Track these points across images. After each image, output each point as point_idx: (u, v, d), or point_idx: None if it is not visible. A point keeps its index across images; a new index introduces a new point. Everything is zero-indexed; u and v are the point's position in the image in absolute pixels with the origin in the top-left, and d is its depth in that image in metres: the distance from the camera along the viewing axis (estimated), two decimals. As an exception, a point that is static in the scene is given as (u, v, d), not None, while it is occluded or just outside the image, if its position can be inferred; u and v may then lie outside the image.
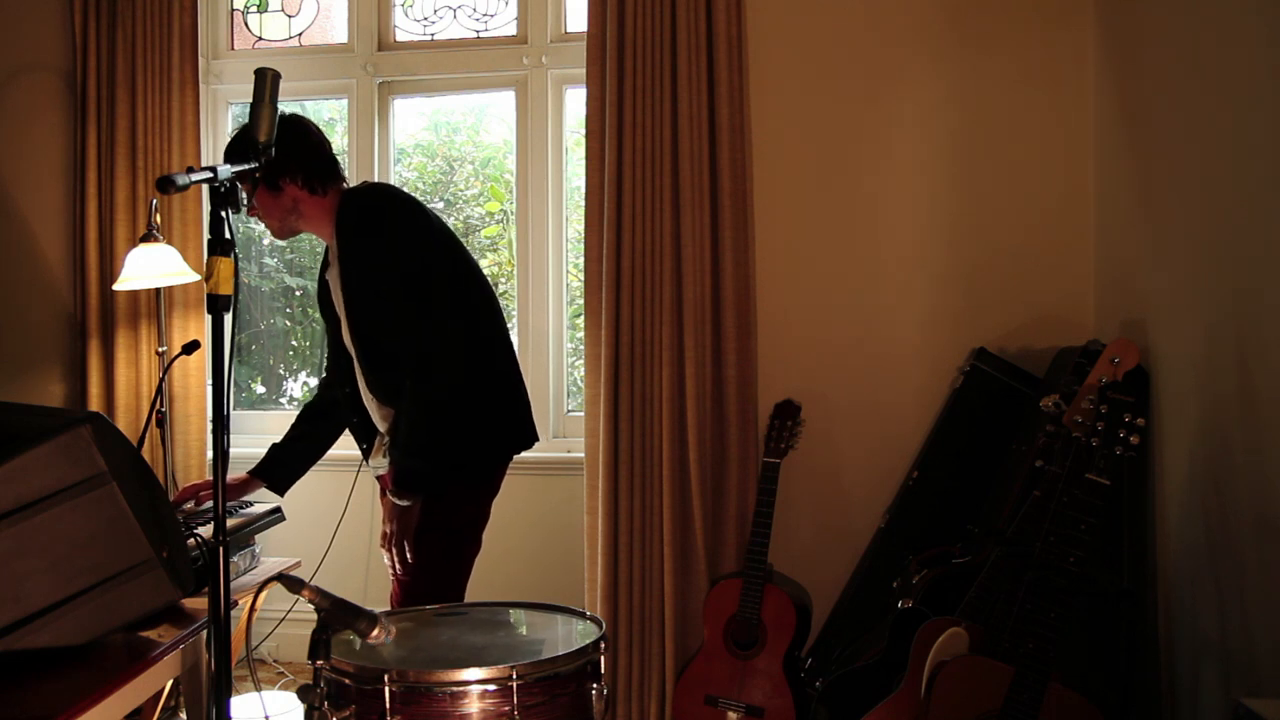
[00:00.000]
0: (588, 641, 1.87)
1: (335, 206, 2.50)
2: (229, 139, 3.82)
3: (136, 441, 2.71)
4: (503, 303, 2.84)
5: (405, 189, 2.94)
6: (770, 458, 3.10)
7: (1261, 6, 2.11)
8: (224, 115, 3.95)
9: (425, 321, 2.38)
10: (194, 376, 3.66)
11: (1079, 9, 3.22)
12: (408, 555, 2.42)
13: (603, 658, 1.90)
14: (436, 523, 2.45)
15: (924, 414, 3.30)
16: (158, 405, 3.43)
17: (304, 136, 2.48)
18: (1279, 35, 2.04)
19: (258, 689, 1.88)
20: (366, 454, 2.66)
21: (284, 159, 2.39)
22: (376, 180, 3.71)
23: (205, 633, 2.07)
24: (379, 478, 2.69)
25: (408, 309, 2.39)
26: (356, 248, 2.46)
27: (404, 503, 2.39)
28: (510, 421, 2.61)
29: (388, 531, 2.44)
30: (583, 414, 3.46)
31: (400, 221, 2.45)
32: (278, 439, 2.78)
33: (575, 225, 3.73)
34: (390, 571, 2.48)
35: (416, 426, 2.39)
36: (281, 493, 2.76)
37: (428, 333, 2.38)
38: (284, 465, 2.75)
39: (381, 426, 2.57)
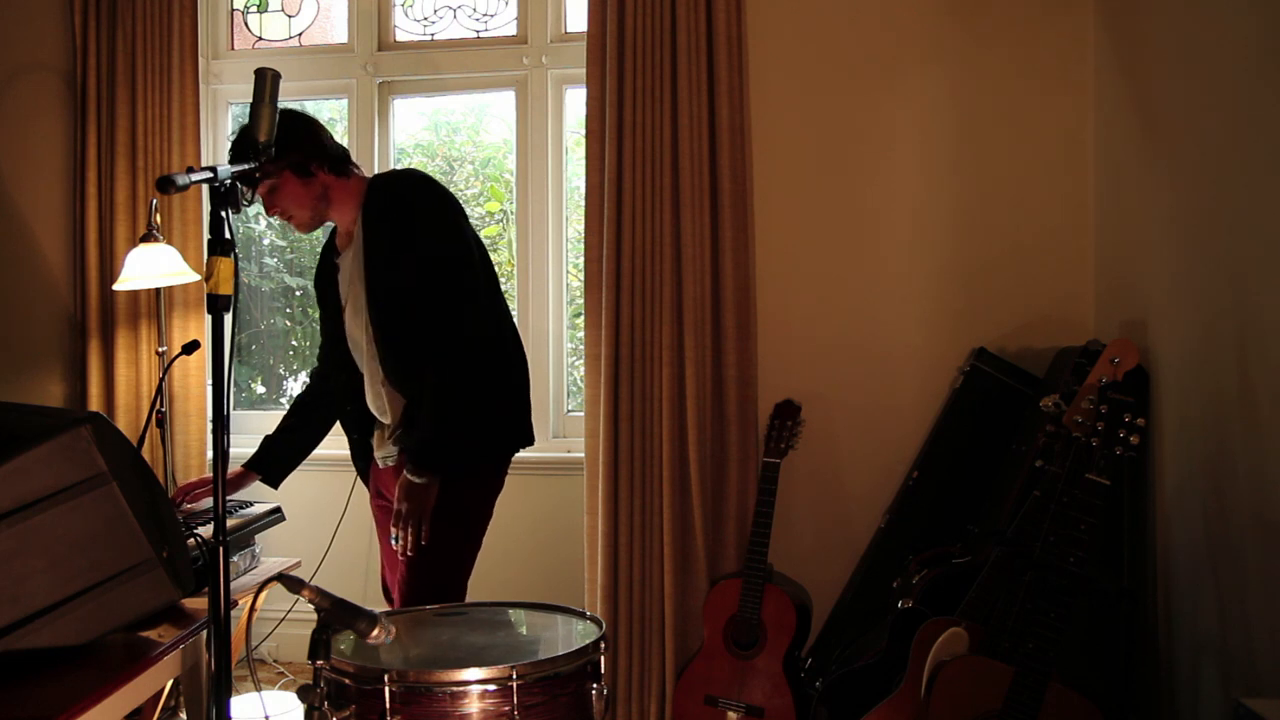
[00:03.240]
0: (588, 641, 1.88)
1: (360, 191, 2.51)
2: (230, 139, 3.87)
3: (136, 441, 2.71)
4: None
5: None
6: (770, 458, 3.10)
7: (1261, 4, 2.11)
8: (224, 115, 3.95)
9: (452, 307, 2.39)
10: (194, 376, 3.65)
11: (1079, 5, 3.22)
12: (421, 536, 2.41)
13: (603, 658, 1.90)
14: (440, 514, 2.44)
15: (924, 414, 3.30)
16: (158, 405, 3.43)
17: (316, 125, 2.52)
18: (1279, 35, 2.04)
19: (258, 689, 1.88)
20: (356, 445, 2.66)
21: (311, 146, 2.44)
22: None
23: (205, 633, 2.07)
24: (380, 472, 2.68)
25: (435, 294, 2.40)
26: (385, 232, 2.46)
27: (420, 480, 2.39)
28: (516, 417, 2.61)
29: (400, 510, 2.41)
30: (583, 414, 3.46)
31: (433, 207, 2.46)
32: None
33: (575, 225, 3.73)
34: (398, 554, 2.46)
35: (441, 406, 2.38)
36: (275, 485, 2.76)
37: (455, 319, 2.39)
38: (277, 457, 2.75)
39: (386, 416, 2.56)
